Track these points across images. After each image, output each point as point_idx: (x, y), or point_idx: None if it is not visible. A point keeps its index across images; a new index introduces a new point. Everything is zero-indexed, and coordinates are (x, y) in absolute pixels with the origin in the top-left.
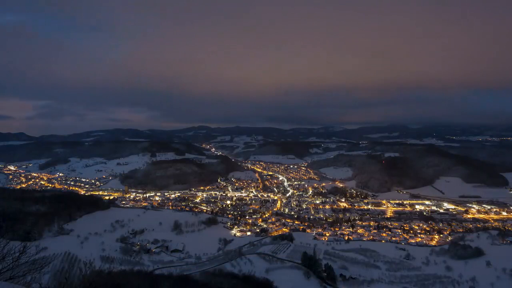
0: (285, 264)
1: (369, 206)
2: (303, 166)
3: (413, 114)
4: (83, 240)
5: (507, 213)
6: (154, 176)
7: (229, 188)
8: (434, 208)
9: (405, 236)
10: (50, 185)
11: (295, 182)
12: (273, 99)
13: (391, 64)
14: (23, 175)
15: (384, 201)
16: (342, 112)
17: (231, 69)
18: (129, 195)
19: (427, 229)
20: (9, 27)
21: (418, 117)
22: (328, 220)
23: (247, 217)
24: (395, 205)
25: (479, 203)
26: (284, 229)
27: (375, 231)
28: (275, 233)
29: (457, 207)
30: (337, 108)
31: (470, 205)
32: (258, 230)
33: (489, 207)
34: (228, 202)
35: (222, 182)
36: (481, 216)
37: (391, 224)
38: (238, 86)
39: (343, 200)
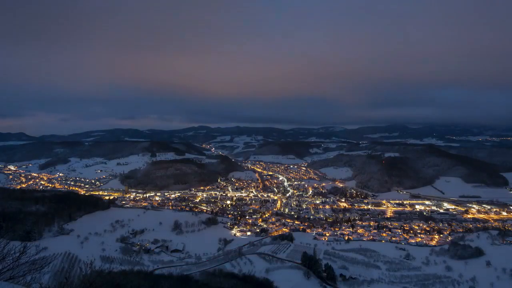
0: (285, 264)
1: (369, 206)
2: (303, 166)
3: (413, 113)
4: (83, 240)
5: (507, 213)
6: (154, 176)
7: (229, 188)
8: (434, 208)
9: (405, 236)
10: (50, 185)
11: (295, 182)
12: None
13: None
14: (23, 175)
15: (384, 201)
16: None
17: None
18: (129, 195)
19: (427, 229)
20: None
21: (418, 117)
22: (328, 220)
23: (247, 217)
24: (395, 205)
25: (479, 203)
26: (284, 229)
27: (375, 231)
28: (275, 233)
29: (457, 207)
30: None
31: (470, 205)
32: (258, 230)
33: (489, 207)
34: (228, 202)
35: (222, 182)
36: (481, 216)
37: (391, 224)
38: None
39: (343, 200)
